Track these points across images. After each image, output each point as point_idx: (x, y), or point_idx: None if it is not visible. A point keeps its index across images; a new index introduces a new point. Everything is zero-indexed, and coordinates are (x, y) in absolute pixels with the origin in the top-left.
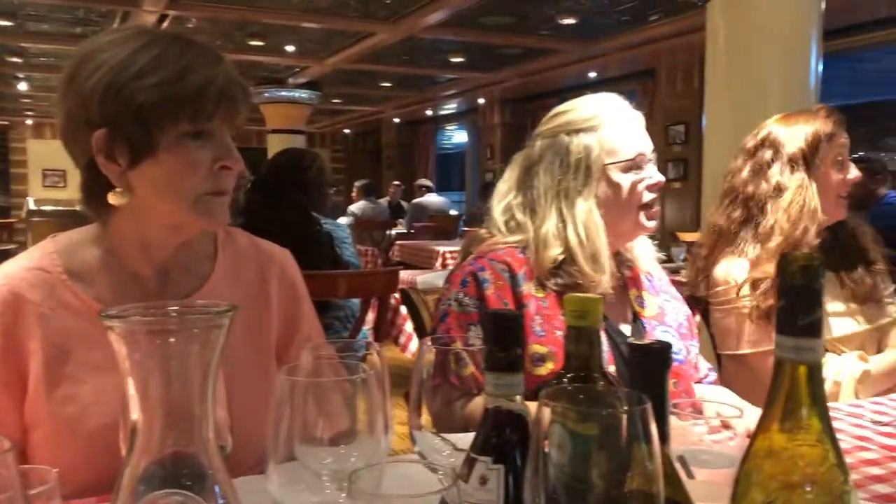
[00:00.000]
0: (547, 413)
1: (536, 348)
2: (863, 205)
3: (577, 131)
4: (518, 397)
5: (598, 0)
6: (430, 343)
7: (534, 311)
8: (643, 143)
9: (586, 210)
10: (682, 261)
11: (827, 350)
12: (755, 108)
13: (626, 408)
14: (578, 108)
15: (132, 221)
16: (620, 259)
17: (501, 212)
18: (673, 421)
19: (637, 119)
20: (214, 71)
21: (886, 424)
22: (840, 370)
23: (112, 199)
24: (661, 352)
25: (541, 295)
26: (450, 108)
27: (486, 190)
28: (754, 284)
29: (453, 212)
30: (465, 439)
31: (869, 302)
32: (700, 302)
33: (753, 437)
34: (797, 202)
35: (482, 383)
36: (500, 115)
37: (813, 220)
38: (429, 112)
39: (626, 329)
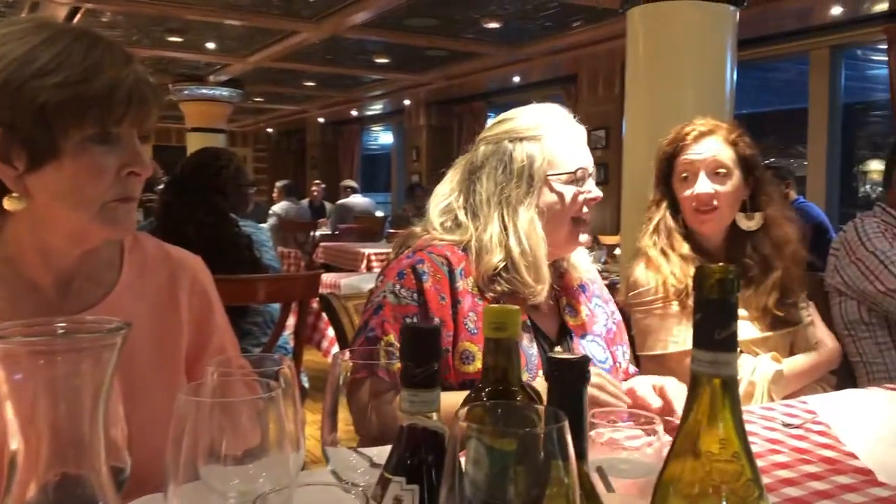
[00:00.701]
0: (463, 430)
1: (467, 346)
2: None
3: (521, 139)
4: (434, 414)
5: (521, 5)
6: (343, 356)
7: (468, 308)
8: (585, 158)
9: (528, 219)
10: (602, 263)
11: (742, 352)
12: (673, 114)
13: (543, 426)
14: (523, 117)
15: (30, 228)
16: (555, 267)
17: (440, 213)
18: (592, 429)
19: (580, 133)
20: (124, 71)
21: (797, 427)
22: (755, 370)
23: (7, 204)
24: (580, 366)
25: (476, 292)
26: (375, 108)
27: (413, 191)
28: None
29: (379, 213)
30: (382, 454)
31: (782, 304)
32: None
33: (670, 451)
34: (658, 219)
35: None
36: (426, 116)
37: (677, 236)
38: (354, 112)
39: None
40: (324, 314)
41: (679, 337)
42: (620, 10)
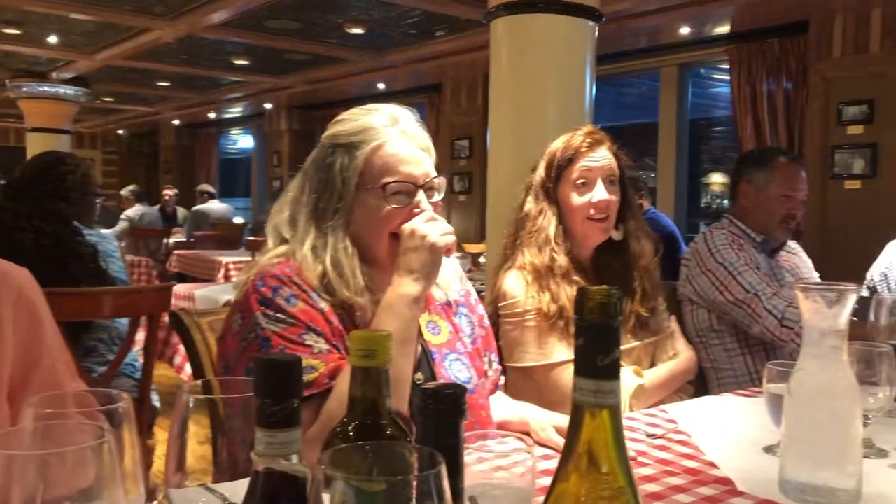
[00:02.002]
0: (328, 475)
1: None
2: None
3: (342, 146)
4: (295, 456)
5: (385, 12)
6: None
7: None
8: (411, 168)
9: (335, 235)
10: (466, 272)
11: None
12: (535, 125)
13: (416, 472)
14: (352, 120)
15: None
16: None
17: (273, 228)
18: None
19: (416, 141)
20: None
21: (660, 437)
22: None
23: None
24: (455, 398)
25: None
26: (235, 111)
27: (277, 197)
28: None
29: (238, 219)
30: (238, 491)
31: (645, 313)
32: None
33: (552, 485)
34: (537, 230)
35: (338, 369)
36: (288, 121)
37: (559, 248)
38: (212, 115)
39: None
40: None
41: (547, 349)
42: (484, 21)
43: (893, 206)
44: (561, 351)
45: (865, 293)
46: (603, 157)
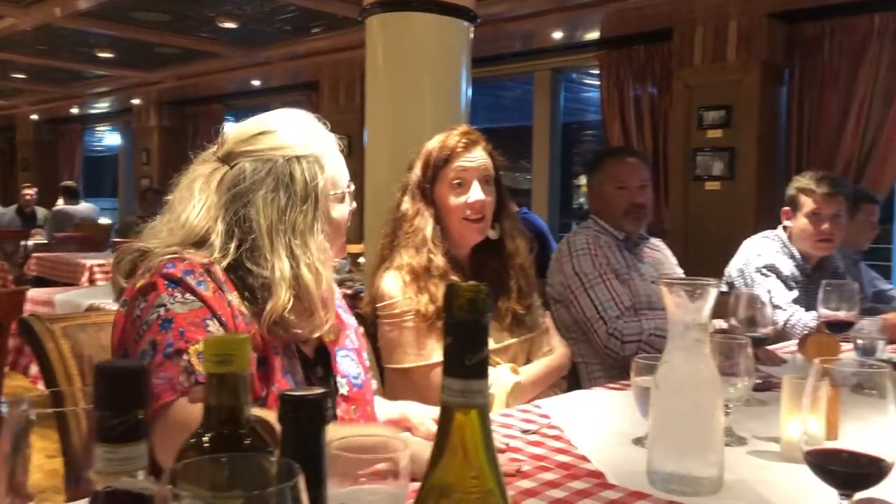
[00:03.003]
0: (175, 491)
1: None
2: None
3: (300, 157)
4: (141, 472)
5: (258, 7)
6: (19, 406)
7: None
8: (347, 172)
9: (320, 248)
10: (346, 272)
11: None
12: (412, 125)
13: (274, 485)
14: (292, 131)
15: None
16: None
17: (189, 234)
18: (341, 458)
19: (337, 143)
20: None
21: (534, 433)
22: (494, 382)
23: None
24: (317, 404)
25: (243, 311)
26: (101, 107)
27: (146, 196)
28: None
29: (104, 220)
30: None
31: (521, 311)
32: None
33: (420, 488)
34: (414, 230)
35: None
36: (158, 117)
37: (437, 248)
38: (75, 110)
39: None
40: None
41: (426, 350)
42: (359, 18)
43: (749, 206)
44: (440, 351)
45: (724, 288)
46: (478, 157)
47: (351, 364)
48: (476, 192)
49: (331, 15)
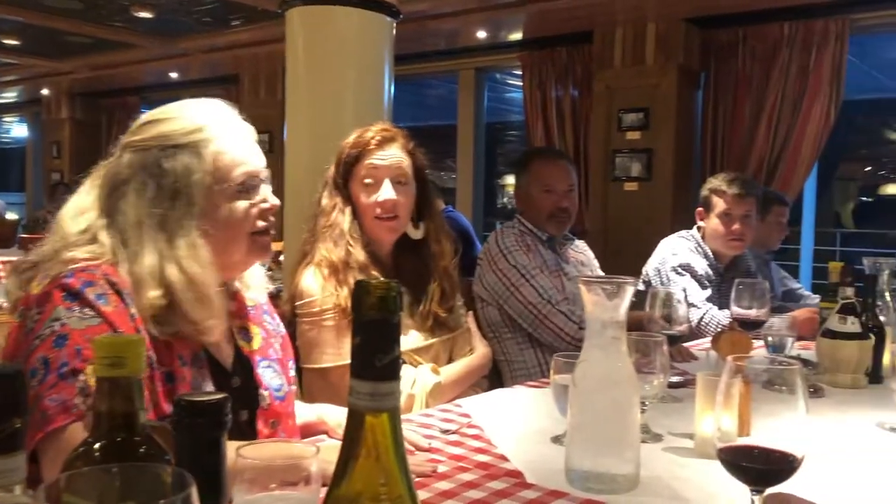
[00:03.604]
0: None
1: None
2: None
3: (176, 147)
4: (18, 487)
5: None
6: None
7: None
8: (256, 162)
9: (190, 244)
10: (267, 270)
11: (404, 361)
12: (333, 121)
13: (165, 498)
14: (178, 118)
15: None
16: (227, 289)
17: (80, 231)
18: (249, 465)
19: (248, 132)
20: None
21: (454, 432)
22: (415, 382)
23: None
24: (215, 409)
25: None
26: (7, 97)
27: (55, 191)
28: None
29: (11, 215)
30: None
31: (443, 313)
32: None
33: (328, 494)
34: (331, 225)
35: None
36: (70, 109)
37: (355, 242)
38: None
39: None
40: None
41: (344, 350)
42: (279, 10)
43: (665, 206)
44: None
45: (642, 287)
46: (392, 155)
47: (274, 375)
48: (386, 192)
49: (251, 7)
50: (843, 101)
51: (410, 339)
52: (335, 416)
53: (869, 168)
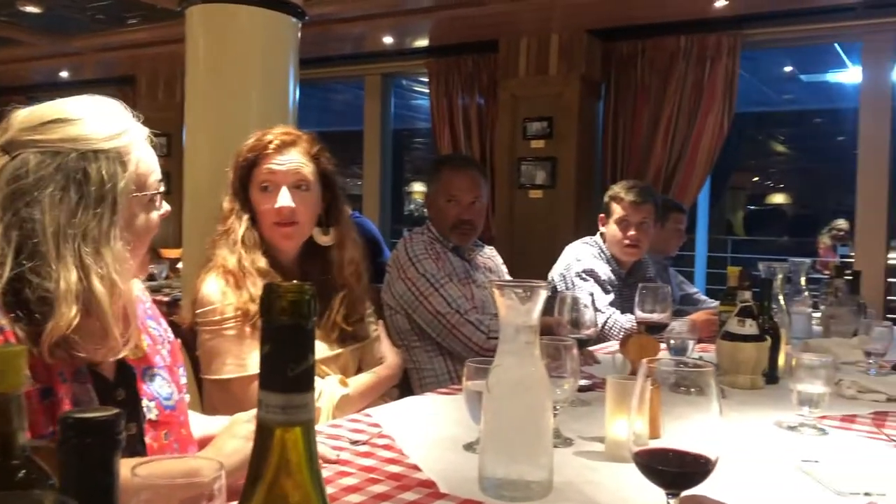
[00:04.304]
0: None
1: None
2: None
3: (97, 152)
4: None
5: None
6: None
7: None
8: (158, 167)
9: (117, 255)
10: (164, 278)
11: None
12: (235, 125)
13: None
14: (93, 120)
15: None
16: None
17: None
18: (147, 485)
19: (148, 136)
20: None
21: (364, 443)
22: (321, 394)
23: None
24: (106, 428)
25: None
26: None
27: None
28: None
29: None
30: None
31: (351, 322)
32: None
33: None
34: (228, 230)
35: None
36: None
37: (253, 249)
38: None
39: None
40: None
41: (246, 360)
42: (178, 9)
43: (569, 213)
44: None
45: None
46: (291, 160)
47: (162, 383)
48: (284, 199)
49: (149, 5)
50: (734, 114)
51: (317, 348)
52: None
53: (757, 178)
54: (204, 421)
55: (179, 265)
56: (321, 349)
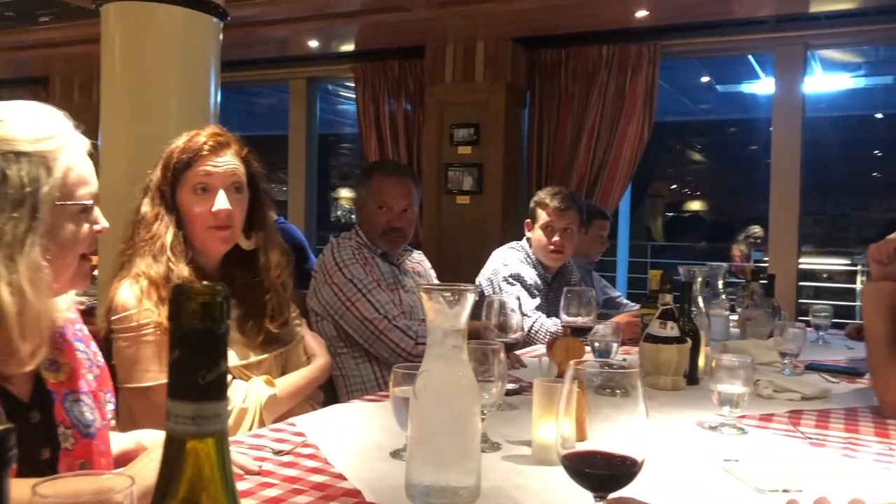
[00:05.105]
0: None
1: None
2: None
3: (20, 154)
4: None
5: None
6: None
7: None
8: (95, 181)
9: (31, 265)
10: None
11: (234, 377)
12: (153, 127)
13: None
14: (18, 122)
15: None
16: None
17: None
18: None
19: (86, 146)
20: None
21: (287, 453)
22: (248, 396)
23: None
24: None
25: None
26: None
27: None
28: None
29: None
30: None
31: (275, 328)
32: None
33: None
34: (152, 237)
35: None
36: None
37: (178, 257)
38: None
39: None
40: None
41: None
42: (93, 6)
43: (496, 218)
44: None
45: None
46: (227, 162)
47: (84, 409)
48: (221, 201)
49: (62, 2)
50: (654, 122)
51: (240, 354)
52: (155, 438)
53: (675, 186)
54: (117, 439)
55: (95, 272)
56: (245, 354)
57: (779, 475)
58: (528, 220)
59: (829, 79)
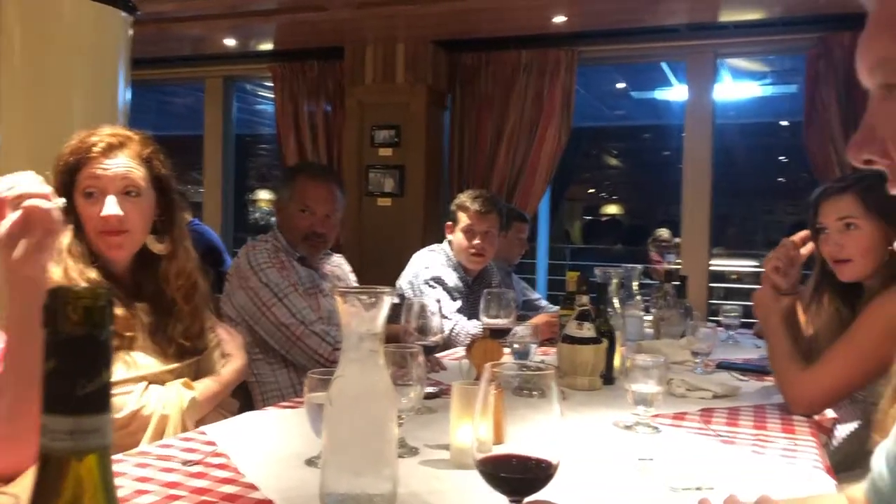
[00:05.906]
0: None
1: None
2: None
3: None
4: None
5: None
6: None
7: None
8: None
9: None
10: None
11: (150, 383)
12: (56, 125)
13: None
14: None
15: None
16: None
17: None
18: None
19: None
20: None
21: (197, 463)
22: (166, 401)
23: None
24: None
25: None
26: None
27: None
28: None
29: None
30: None
31: (188, 335)
32: None
33: None
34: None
35: None
36: None
37: (77, 260)
38: None
39: None
40: None
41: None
42: None
43: (417, 221)
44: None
45: (396, 300)
46: (119, 164)
47: None
48: (110, 207)
49: None
50: (572, 127)
51: (152, 363)
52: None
53: (592, 190)
54: None
55: None
56: (156, 364)
57: (691, 473)
58: (449, 223)
59: (737, 87)
